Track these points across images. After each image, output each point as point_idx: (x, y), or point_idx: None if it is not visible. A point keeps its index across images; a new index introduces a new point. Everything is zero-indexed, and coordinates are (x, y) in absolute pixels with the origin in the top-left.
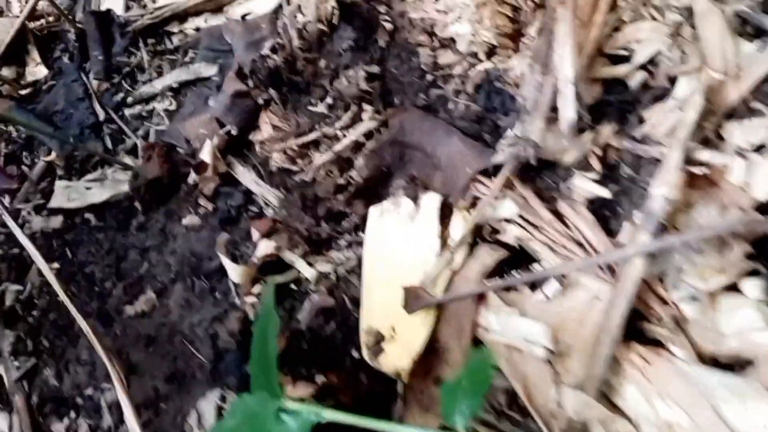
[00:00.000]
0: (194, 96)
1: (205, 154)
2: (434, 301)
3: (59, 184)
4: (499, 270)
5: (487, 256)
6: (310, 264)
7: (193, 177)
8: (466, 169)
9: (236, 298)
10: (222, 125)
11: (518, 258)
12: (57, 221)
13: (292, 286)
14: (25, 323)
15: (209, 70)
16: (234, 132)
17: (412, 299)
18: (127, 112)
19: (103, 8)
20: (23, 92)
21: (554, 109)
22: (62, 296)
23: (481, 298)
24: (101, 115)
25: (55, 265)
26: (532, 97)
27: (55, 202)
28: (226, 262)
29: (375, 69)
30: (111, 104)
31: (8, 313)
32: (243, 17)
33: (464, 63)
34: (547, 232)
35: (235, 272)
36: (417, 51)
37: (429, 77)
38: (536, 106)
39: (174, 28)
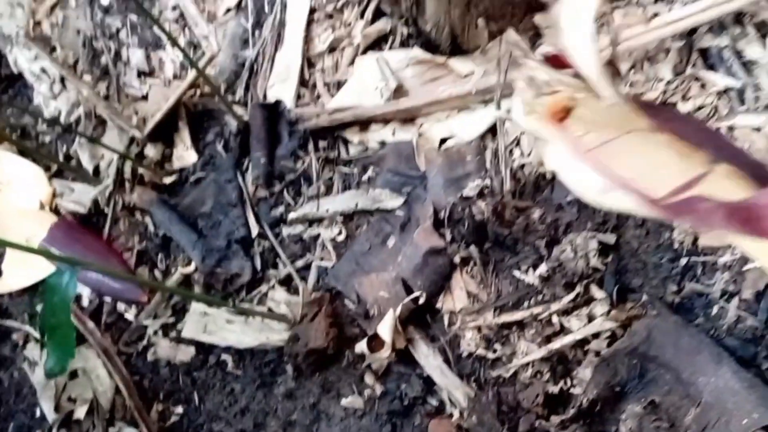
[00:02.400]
0: (371, 231)
1: (385, 329)
2: None
3: (195, 308)
4: None
5: None
6: None
7: (361, 347)
8: (743, 420)
9: None
10: (409, 290)
11: None
12: (187, 353)
13: None
14: None
15: (393, 201)
16: (422, 300)
17: None
18: (286, 231)
19: (270, 93)
20: (167, 180)
21: None
22: None
23: None
24: (254, 230)
25: (179, 409)
26: None
27: (188, 330)
28: None
29: (610, 238)
30: (268, 219)
31: None
32: (442, 141)
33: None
34: None
35: None
36: None
37: (684, 261)
38: None
39: (353, 135)
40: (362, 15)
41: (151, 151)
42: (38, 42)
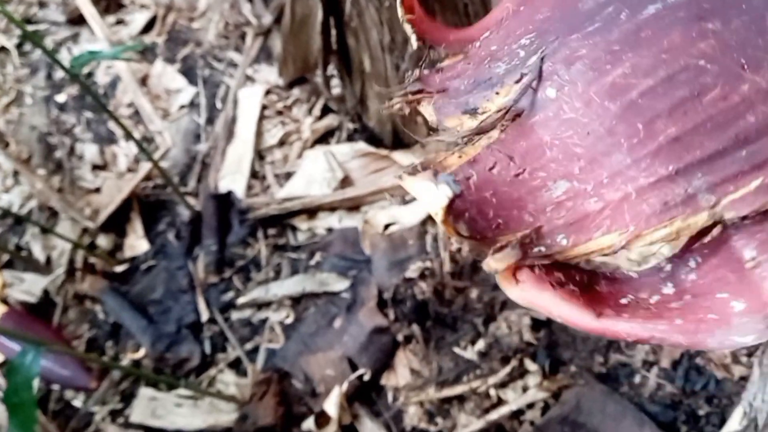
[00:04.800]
0: (318, 313)
1: (331, 405)
2: None
3: (144, 393)
4: None
5: None
6: None
7: (308, 425)
8: None
9: None
10: (354, 367)
11: None
12: None
13: None
14: None
15: (339, 284)
16: (367, 377)
17: None
18: (235, 315)
19: (221, 185)
20: (118, 268)
21: None
22: None
23: None
24: (204, 315)
25: None
26: None
27: (136, 415)
28: None
29: (542, 315)
30: (217, 303)
31: None
32: (386, 226)
33: None
34: None
35: None
36: None
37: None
38: None
39: (302, 223)
40: (310, 111)
41: (103, 241)
42: None
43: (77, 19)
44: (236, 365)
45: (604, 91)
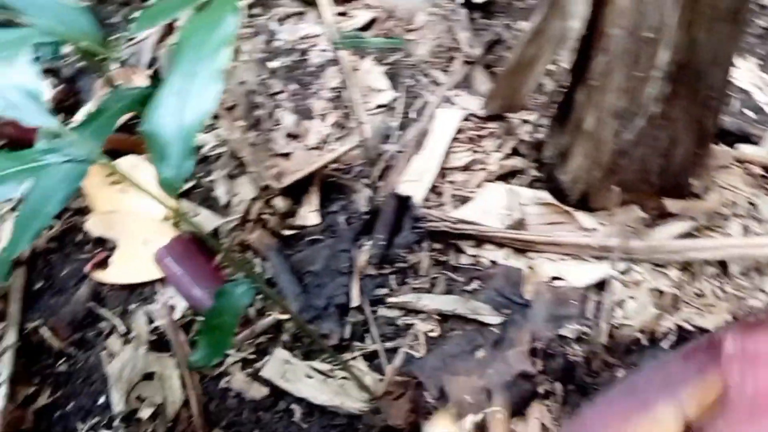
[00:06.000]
0: (463, 338)
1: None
2: None
3: (279, 354)
4: None
5: None
6: None
7: None
8: None
9: None
10: (491, 401)
11: None
12: (260, 392)
13: None
14: None
15: (491, 317)
16: (501, 416)
17: None
18: (383, 312)
19: (400, 188)
20: (287, 232)
21: None
22: None
23: None
24: (354, 301)
25: None
26: None
27: (267, 371)
28: None
29: None
30: (369, 295)
31: None
32: (553, 279)
33: None
34: None
35: None
36: None
37: None
38: None
39: (468, 248)
40: (499, 147)
41: (280, 203)
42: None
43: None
44: (371, 358)
45: None
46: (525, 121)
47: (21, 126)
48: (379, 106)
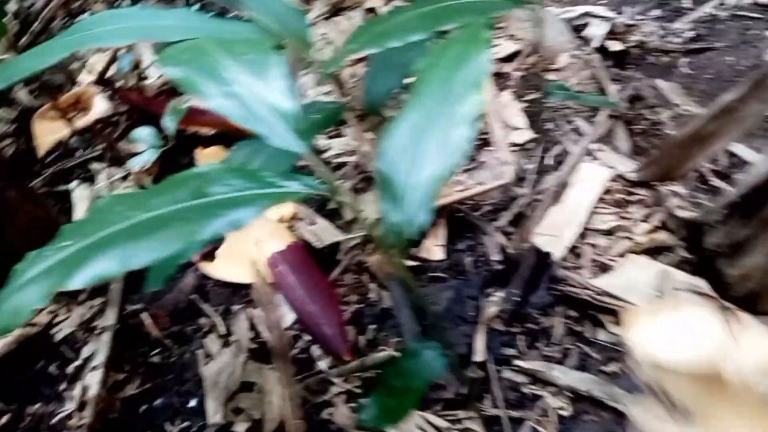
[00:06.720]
0: (600, 425)
1: None
2: None
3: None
4: None
5: None
6: None
7: None
8: None
9: None
10: None
11: None
12: None
13: None
14: None
15: (633, 408)
16: None
17: None
18: (507, 374)
19: (536, 241)
20: (408, 263)
21: None
22: None
23: None
24: (478, 356)
25: None
26: None
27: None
28: None
29: None
30: (496, 353)
31: None
32: None
33: None
34: None
35: None
36: None
37: None
38: None
39: (609, 323)
40: (647, 218)
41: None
42: (335, 81)
43: None
44: (490, 423)
45: None
46: (674, 193)
47: (145, 95)
48: (514, 145)
